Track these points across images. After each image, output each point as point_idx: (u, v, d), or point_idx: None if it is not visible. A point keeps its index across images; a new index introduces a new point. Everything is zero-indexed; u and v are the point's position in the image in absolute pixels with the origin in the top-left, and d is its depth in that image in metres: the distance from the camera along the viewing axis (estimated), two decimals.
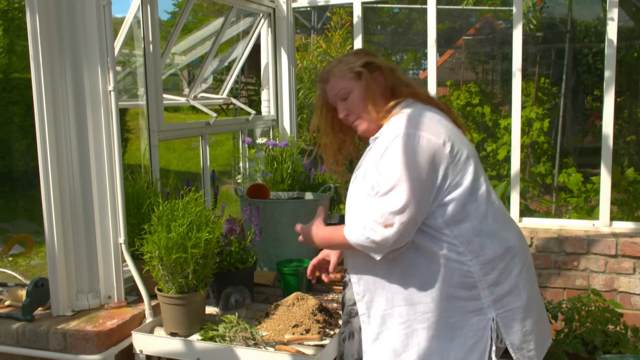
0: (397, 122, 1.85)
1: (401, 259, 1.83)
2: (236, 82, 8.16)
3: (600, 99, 4.42)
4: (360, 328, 2.00)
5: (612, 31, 3.46)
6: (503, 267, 1.85)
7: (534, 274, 2.01)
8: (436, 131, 1.81)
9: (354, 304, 2.02)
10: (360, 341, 2.02)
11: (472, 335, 1.83)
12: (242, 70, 5.98)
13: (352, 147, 2.15)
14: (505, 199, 4.18)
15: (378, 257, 1.82)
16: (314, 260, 2.22)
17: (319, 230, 1.99)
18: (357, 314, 2.01)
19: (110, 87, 2.20)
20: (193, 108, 3.74)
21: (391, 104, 1.93)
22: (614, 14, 3.45)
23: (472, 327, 1.83)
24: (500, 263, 1.85)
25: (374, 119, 1.93)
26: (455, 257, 1.81)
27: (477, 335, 1.82)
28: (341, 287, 2.61)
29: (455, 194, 1.82)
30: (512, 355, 1.87)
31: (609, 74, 3.48)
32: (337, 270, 2.75)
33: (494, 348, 1.82)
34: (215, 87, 4.73)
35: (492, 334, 1.82)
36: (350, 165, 2.20)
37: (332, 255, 2.21)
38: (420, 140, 1.78)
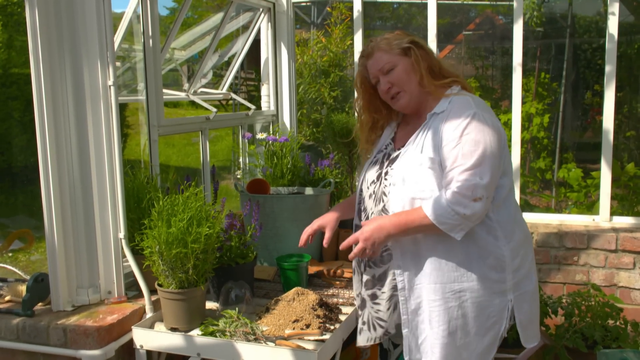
0: (464, 101, 1.93)
1: (446, 238, 1.89)
2: (236, 77, 8.14)
3: (600, 94, 4.42)
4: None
5: (612, 26, 3.45)
6: (523, 252, 2.00)
7: None
8: (496, 119, 1.93)
9: (394, 277, 2.07)
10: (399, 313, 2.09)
11: (494, 315, 1.95)
12: (242, 65, 5.96)
13: (381, 131, 2.21)
14: None
15: (460, 237, 1.86)
16: (309, 229, 2.24)
17: (389, 219, 1.92)
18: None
19: (110, 82, 2.20)
20: (193, 103, 3.73)
21: (447, 80, 2.01)
22: (614, 8, 3.44)
23: (495, 308, 1.95)
24: (522, 249, 1.99)
25: (423, 93, 1.99)
26: (493, 240, 1.92)
27: (498, 315, 1.95)
28: (343, 283, 2.61)
29: (504, 180, 1.94)
30: (520, 332, 2.01)
31: (609, 69, 3.48)
32: (336, 267, 2.75)
33: (507, 326, 1.97)
34: (215, 82, 4.72)
35: (509, 314, 1.96)
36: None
37: (328, 229, 2.23)
38: (493, 122, 1.89)
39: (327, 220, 2.27)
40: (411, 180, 1.93)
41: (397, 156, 2.04)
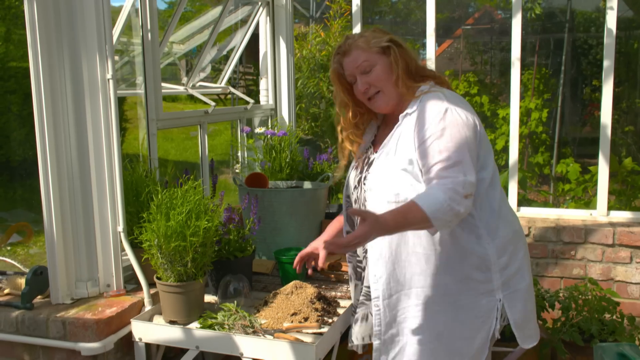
0: (436, 97, 1.86)
1: (425, 242, 1.86)
2: (234, 71, 8.12)
3: (599, 89, 4.42)
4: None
5: (611, 21, 3.45)
6: (512, 249, 1.93)
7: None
8: (471, 112, 1.87)
9: (368, 286, 2.03)
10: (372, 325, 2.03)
11: (481, 315, 1.89)
12: (241, 59, 5.96)
13: (367, 124, 2.11)
14: (504, 189, 4.19)
15: (437, 233, 1.80)
16: (303, 252, 2.20)
17: (389, 215, 1.68)
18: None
19: (109, 76, 2.20)
20: (191, 97, 3.73)
21: (421, 83, 1.95)
22: (613, 3, 3.44)
23: (481, 309, 1.89)
24: (510, 246, 1.92)
25: (399, 93, 1.93)
26: (475, 239, 1.87)
27: (485, 315, 1.89)
28: (341, 276, 2.62)
29: (483, 174, 1.86)
30: (515, 332, 1.94)
31: (607, 63, 3.48)
32: (335, 260, 2.76)
33: (498, 326, 1.90)
34: (214, 76, 4.72)
35: (498, 314, 1.90)
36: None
37: (322, 250, 2.13)
38: (467, 117, 1.82)
39: (320, 242, 2.19)
40: (386, 185, 1.88)
41: (373, 160, 1.99)
